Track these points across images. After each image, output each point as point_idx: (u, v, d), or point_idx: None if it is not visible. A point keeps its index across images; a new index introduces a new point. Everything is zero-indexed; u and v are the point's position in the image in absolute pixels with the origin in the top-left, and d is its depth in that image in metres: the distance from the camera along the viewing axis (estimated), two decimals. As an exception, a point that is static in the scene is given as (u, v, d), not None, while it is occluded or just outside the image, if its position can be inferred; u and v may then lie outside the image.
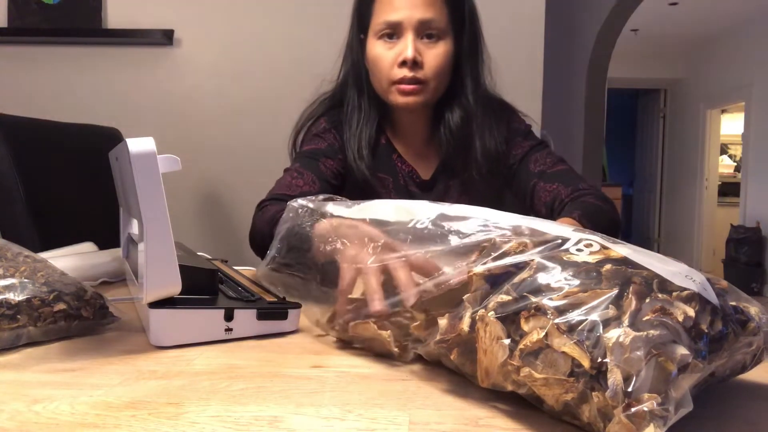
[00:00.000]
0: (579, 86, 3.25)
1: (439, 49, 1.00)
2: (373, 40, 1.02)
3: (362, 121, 1.07)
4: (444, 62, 1.01)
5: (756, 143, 5.05)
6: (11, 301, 0.58)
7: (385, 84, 1.02)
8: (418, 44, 0.98)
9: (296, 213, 0.68)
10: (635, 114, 7.45)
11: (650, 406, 0.33)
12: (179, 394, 0.46)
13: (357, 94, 1.08)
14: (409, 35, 0.98)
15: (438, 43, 1.00)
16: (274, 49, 2.00)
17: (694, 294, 0.40)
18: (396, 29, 0.99)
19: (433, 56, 0.99)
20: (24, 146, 1.31)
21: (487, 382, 0.42)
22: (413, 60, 0.97)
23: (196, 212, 2.05)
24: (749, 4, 4.77)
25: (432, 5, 0.98)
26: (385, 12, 0.99)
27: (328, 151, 1.07)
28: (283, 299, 0.67)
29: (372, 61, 1.03)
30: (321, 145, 1.08)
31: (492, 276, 0.44)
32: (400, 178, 1.10)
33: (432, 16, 0.98)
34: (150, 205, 0.53)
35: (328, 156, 1.07)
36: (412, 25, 0.97)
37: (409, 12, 0.97)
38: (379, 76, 1.02)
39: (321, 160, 1.06)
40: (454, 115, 1.05)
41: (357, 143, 1.06)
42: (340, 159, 1.08)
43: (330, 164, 1.06)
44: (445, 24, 1.00)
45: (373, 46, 1.02)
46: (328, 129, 1.09)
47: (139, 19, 1.99)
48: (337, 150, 1.08)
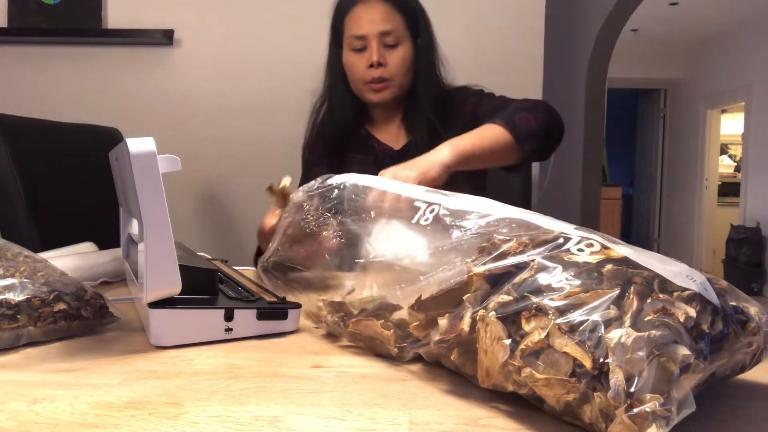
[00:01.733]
0: (579, 86, 3.24)
1: (399, 52, 1.22)
2: (347, 51, 1.25)
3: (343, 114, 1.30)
4: (404, 62, 1.23)
5: (756, 143, 5.05)
6: (11, 301, 0.58)
7: (360, 85, 1.25)
8: (381, 51, 1.21)
9: (299, 206, 0.69)
10: (635, 114, 7.45)
11: (652, 407, 0.33)
12: (179, 394, 0.46)
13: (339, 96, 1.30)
14: (373, 44, 1.20)
15: (397, 48, 1.22)
16: (273, 49, 2.00)
17: (695, 294, 0.40)
18: (363, 41, 1.21)
19: (394, 59, 1.22)
20: (24, 146, 1.31)
21: (487, 383, 0.42)
22: (378, 62, 1.20)
23: (196, 212, 2.05)
24: (749, 5, 4.77)
25: (389, 19, 1.21)
26: (353, 28, 1.22)
27: (317, 159, 1.33)
28: (283, 299, 0.67)
29: (347, 68, 1.26)
30: (313, 158, 1.35)
31: (492, 276, 0.44)
32: (379, 156, 1.32)
33: (389, 28, 1.21)
34: (150, 205, 0.53)
35: (318, 162, 1.32)
36: (375, 36, 1.20)
37: (371, 27, 1.20)
38: (354, 79, 1.25)
39: (312, 169, 1.32)
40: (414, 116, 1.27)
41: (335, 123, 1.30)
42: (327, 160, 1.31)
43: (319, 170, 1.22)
44: (401, 32, 1.22)
45: (347, 57, 1.25)
46: (316, 140, 1.34)
47: (139, 19, 1.99)
48: (323, 154, 1.33)
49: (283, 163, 1.38)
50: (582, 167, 3.17)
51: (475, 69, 1.95)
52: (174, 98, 2.02)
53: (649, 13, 4.76)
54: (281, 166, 1.38)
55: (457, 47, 1.92)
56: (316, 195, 0.70)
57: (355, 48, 1.22)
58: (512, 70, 1.98)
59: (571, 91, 3.28)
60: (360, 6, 1.22)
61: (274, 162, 1.59)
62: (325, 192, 0.69)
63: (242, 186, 2.02)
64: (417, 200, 0.59)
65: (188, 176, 2.00)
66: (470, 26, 1.98)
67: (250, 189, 2.00)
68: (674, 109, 6.55)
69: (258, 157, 2.00)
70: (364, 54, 1.21)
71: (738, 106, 5.64)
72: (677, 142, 6.46)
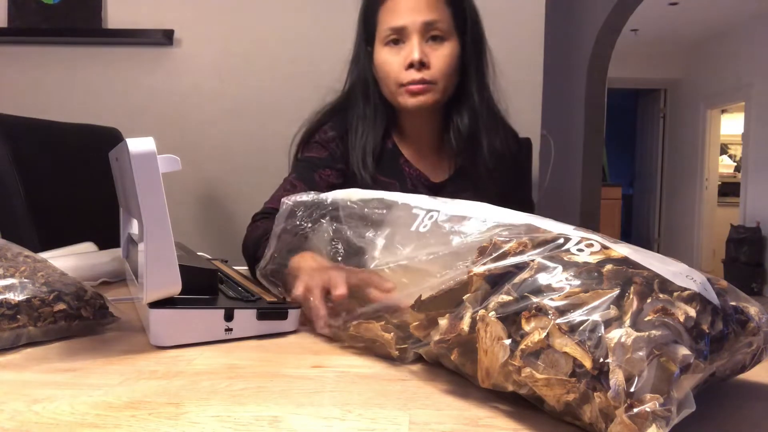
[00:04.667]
0: (579, 86, 3.24)
1: (444, 50, 1.01)
2: (379, 47, 1.04)
3: (368, 129, 1.08)
4: (450, 62, 1.02)
5: (756, 143, 5.05)
6: (11, 301, 0.58)
7: (393, 87, 1.03)
8: (423, 47, 1.00)
9: (291, 212, 0.68)
10: (635, 114, 7.44)
11: (652, 407, 0.33)
12: (179, 394, 0.46)
13: (363, 103, 1.09)
14: (414, 38, 0.99)
15: (443, 44, 1.01)
16: (274, 49, 2.00)
17: (695, 294, 0.40)
18: (401, 34, 1.01)
19: (439, 57, 1.01)
20: (24, 146, 1.31)
21: (487, 383, 0.42)
22: (420, 61, 0.99)
23: (196, 212, 2.04)
24: (749, 4, 4.77)
25: (434, 7, 1.00)
26: (389, 19, 1.01)
27: (329, 161, 1.08)
28: (283, 299, 0.67)
29: (380, 66, 1.04)
30: (322, 154, 1.08)
31: (492, 276, 0.44)
32: (408, 183, 1.10)
33: (435, 18, 1.00)
34: (150, 205, 0.53)
35: (328, 166, 1.07)
36: (416, 29, 0.99)
37: (413, 16, 0.99)
38: (387, 80, 1.03)
39: (318, 171, 1.06)
40: (462, 118, 1.06)
41: (362, 150, 1.06)
42: (341, 168, 1.08)
43: (327, 174, 1.07)
44: (448, 25, 1.02)
45: (380, 53, 1.04)
46: (333, 138, 1.09)
47: (139, 19, 1.99)
48: (338, 159, 1.08)
49: (284, 164, 1.38)
50: (582, 167, 3.17)
51: (475, 69, 1.95)
52: (174, 98, 2.02)
53: (649, 13, 4.76)
54: (281, 166, 1.38)
55: (457, 47, 1.92)
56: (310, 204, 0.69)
57: (391, 41, 1.02)
58: (512, 70, 1.97)
59: (571, 91, 3.28)
60: None
61: (274, 162, 1.59)
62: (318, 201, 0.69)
63: (242, 186, 2.01)
64: (415, 207, 0.59)
65: (188, 176, 1.99)
66: (470, 26, 1.98)
67: (250, 189, 2.00)
68: (674, 109, 6.54)
69: (258, 157, 2.00)
70: (402, 49, 1.01)
71: (738, 106, 5.64)
72: (677, 142, 6.45)
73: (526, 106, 1.96)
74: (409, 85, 1.00)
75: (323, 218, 0.68)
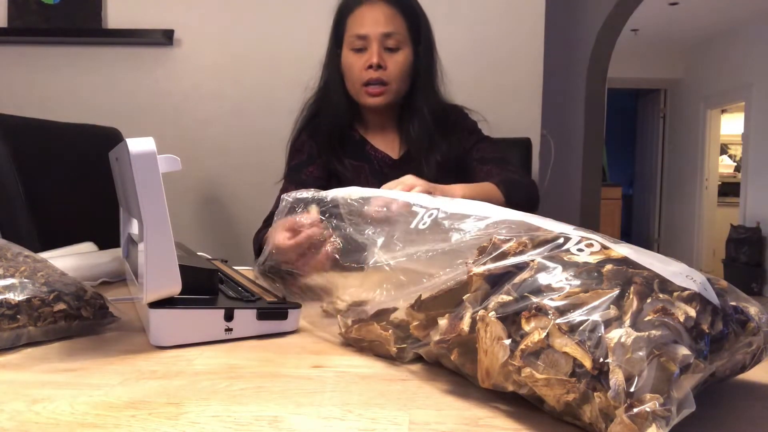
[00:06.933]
0: (579, 86, 3.24)
1: (399, 57, 1.23)
2: (346, 51, 1.25)
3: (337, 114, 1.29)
4: (403, 67, 1.24)
5: (756, 143, 5.05)
6: (11, 301, 0.58)
7: (357, 86, 1.24)
8: (382, 53, 1.21)
9: (291, 209, 0.69)
10: (635, 114, 7.44)
11: (652, 407, 0.33)
12: (179, 394, 0.46)
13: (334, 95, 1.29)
14: (374, 45, 1.21)
15: (398, 52, 1.23)
16: (273, 49, 2.00)
17: (695, 294, 0.40)
18: (364, 41, 1.22)
19: (394, 62, 1.23)
20: (24, 146, 1.31)
21: (487, 383, 0.42)
22: (378, 64, 1.20)
23: (196, 212, 2.04)
24: (749, 5, 4.77)
25: (392, 21, 1.22)
26: (355, 27, 1.23)
27: (308, 160, 1.29)
28: (283, 299, 0.67)
29: (346, 67, 1.25)
30: (302, 157, 1.30)
31: (492, 276, 0.44)
32: (375, 164, 1.31)
33: (392, 30, 1.21)
34: (150, 205, 0.53)
35: (310, 164, 1.28)
36: (376, 37, 1.21)
37: (374, 27, 1.21)
38: (351, 79, 1.25)
39: (303, 170, 1.27)
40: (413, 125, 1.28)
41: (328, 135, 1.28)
42: (320, 162, 1.28)
43: (311, 170, 1.27)
44: (404, 36, 1.23)
45: (347, 56, 1.25)
46: (306, 140, 1.31)
47: (139, 19, 1.99)
48: (315, 155, 1.29)
49: (283, 163, 1.38)
50: (582, 167, 3.17)
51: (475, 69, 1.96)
52: (174, 98, 2.02)
53: (649, 13, 4.76)
54: (281, 165, 1.38)
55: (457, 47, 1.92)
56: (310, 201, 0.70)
57: (356, 48, 1.22)
58: (512, 70, 1.98)
59: (571, 91, 3.28)
60: (365, 6, 1.23)
61: (273, 162, 1.58)
62: (318, 198, 0.70)
63: (242, 186, 2.01)
64: (415, 205, 0.59)
65: (188, 176, 2.00)
66: (470, 26, 1.98)
67: (250, 189, 2.00)
68: (674, 109, 6.54)
69: (258, 157, 2.00)
70: (364, 55, 1.22)
71: (738, 106, 5.63)
72: (677, 142, 6.45)
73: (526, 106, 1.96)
74: (369, 86, 1.22)
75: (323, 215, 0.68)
